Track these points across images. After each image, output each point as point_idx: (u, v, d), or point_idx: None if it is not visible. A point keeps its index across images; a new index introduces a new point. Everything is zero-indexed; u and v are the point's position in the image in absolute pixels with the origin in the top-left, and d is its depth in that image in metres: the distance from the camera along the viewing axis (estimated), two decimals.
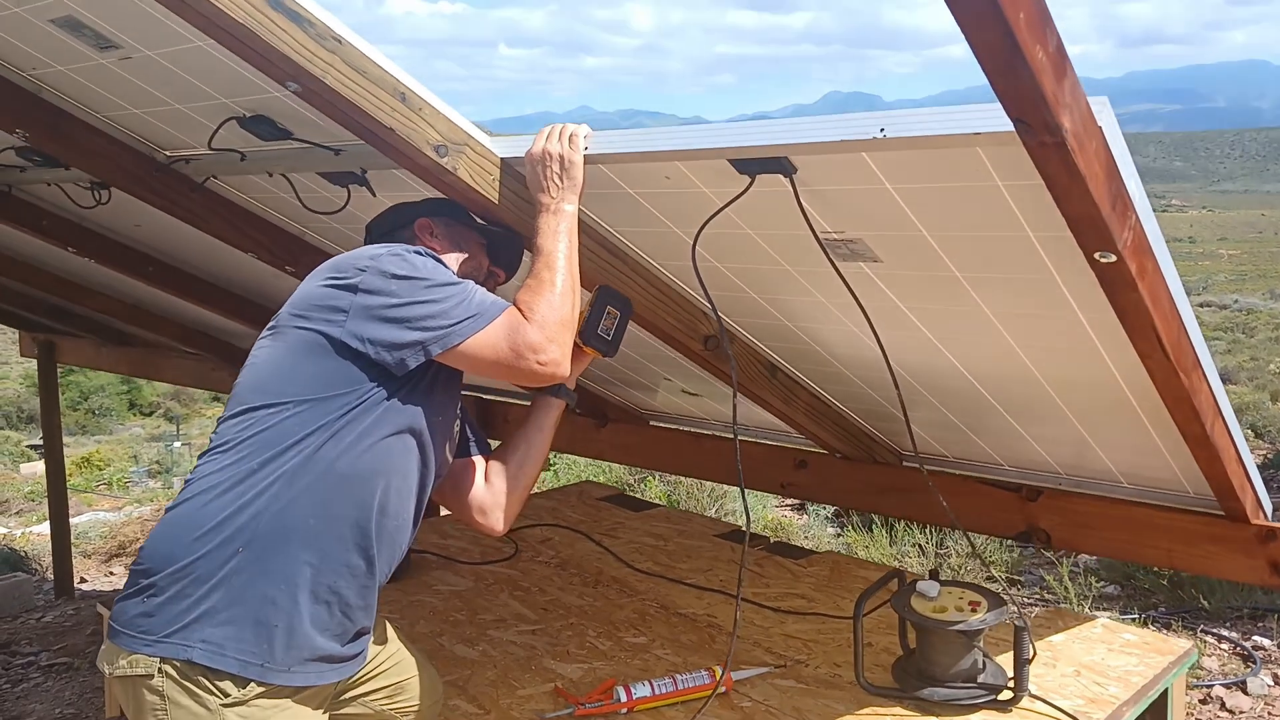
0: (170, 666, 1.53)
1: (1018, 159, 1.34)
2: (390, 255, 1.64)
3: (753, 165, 1.63)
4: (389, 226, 1.94)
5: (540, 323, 1.67)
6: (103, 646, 1.63)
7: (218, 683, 1.53)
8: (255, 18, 1.50)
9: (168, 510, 1.62)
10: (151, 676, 1.53)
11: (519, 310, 1.68)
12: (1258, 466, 2.26)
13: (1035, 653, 2.12)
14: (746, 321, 2.39)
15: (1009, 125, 1.24)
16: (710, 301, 1.99)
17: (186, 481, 1.63)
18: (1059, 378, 2.10)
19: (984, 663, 2.12)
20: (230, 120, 2.17)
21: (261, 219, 2.83)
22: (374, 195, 2.31)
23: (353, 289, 1.61)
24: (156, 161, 2.56)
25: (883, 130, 1.40)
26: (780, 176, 1.64)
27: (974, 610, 2.06)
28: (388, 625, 1.97)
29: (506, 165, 1.88)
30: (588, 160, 1.79)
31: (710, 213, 1.82)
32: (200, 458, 1.64)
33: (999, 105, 1.21)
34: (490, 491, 1.94)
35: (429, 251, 1.71)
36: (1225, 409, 1.99)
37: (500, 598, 2.82)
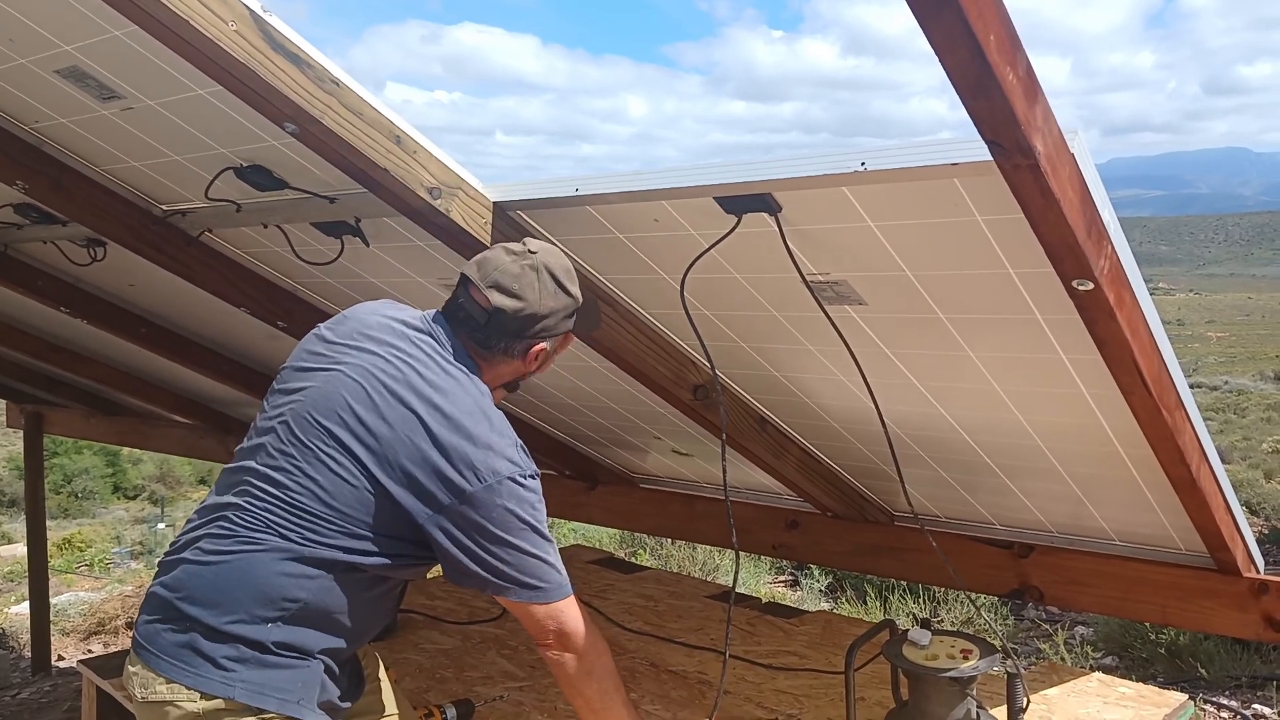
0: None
1: (995, 191, 1.38)
2: (518, 487, 1.62)
3: (738, 204, 1.67)
4: (515, 327, 1.71)
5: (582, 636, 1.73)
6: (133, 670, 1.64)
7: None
8: (256, 59, 1.55)
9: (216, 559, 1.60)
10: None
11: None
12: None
13: (1029, 701, 2.08)
14: (735, 373, 2.40)
15: (986, 155, 1.28)
16: (700, 339, 2.00)
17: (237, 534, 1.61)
18: (1047, 427, 2.11)
19: (978, 713, 2.08)
20: (227, 170, 2.21)
21: (254, 273, 2.86)
22: (367, 245, 2.35)
23: (460, 495, 1.58)
24: (153, 215, 2.59)
25: (863, 164, 1.44)
26: (766, 215, 1.67)
27: (966, 658, 2.03)
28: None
29: (499, 209, 1.91)
30: (579, 201, 1.83)
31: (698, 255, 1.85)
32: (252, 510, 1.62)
33: (976, 138, 1.26)
34: None
35: (540, 489, 1.68)
36: (1211, 456, 2.00)
37: (488, 656, 2.77)
